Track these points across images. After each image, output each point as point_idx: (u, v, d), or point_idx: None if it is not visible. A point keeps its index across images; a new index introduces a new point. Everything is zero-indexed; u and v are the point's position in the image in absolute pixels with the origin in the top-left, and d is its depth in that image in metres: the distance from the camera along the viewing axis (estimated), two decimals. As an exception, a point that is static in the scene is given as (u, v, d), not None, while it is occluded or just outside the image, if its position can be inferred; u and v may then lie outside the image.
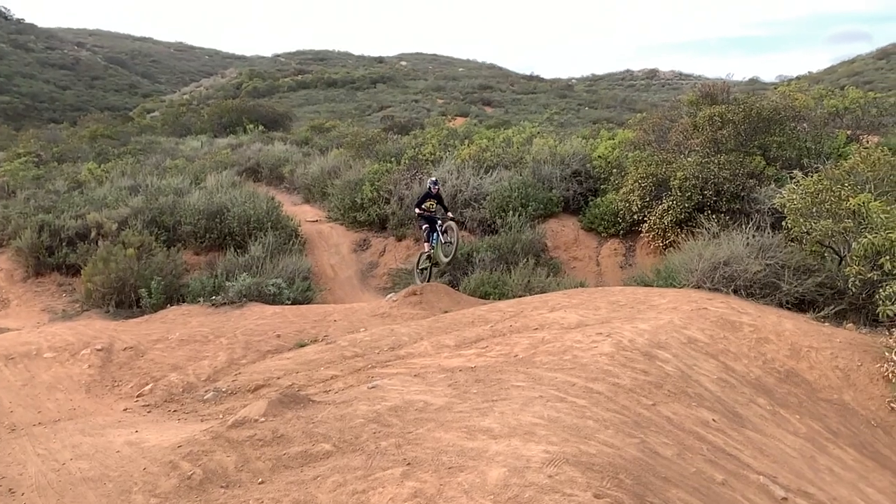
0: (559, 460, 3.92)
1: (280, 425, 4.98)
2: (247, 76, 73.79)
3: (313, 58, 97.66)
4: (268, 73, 77.23)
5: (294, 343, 9.45)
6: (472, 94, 66.60)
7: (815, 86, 23.45)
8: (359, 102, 63.02)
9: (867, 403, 6.76)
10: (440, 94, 67.02)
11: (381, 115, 52.21)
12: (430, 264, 12.77)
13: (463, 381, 5.87)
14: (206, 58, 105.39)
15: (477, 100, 63.75)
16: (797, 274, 9.60)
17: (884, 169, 10.54)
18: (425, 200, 12.42)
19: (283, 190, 23.35)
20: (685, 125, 16.38)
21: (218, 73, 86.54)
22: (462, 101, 62.67)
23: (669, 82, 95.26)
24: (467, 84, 71.65)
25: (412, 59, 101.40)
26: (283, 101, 60.97)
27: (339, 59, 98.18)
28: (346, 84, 71.42)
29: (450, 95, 66.38)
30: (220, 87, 71.52)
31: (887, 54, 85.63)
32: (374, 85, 71.42)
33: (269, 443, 4.77)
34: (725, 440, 5.16)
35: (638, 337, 7.00)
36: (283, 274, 13.39)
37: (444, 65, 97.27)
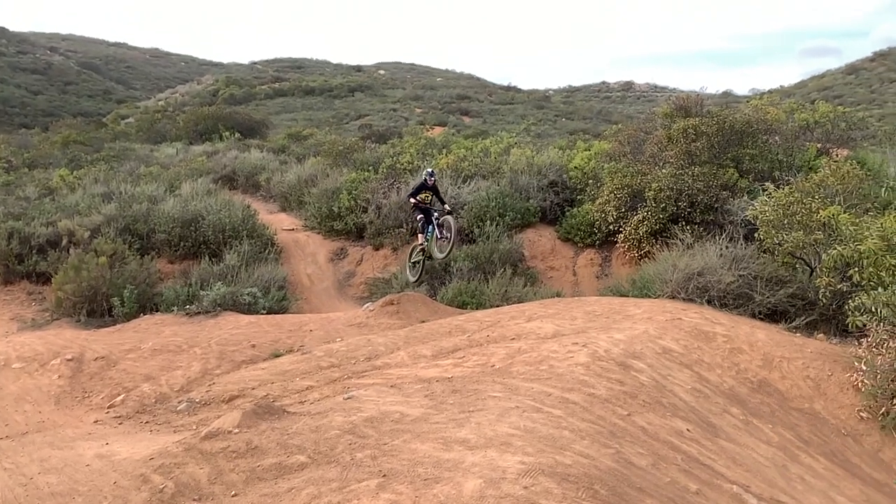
0: (535, 471, 3.92)
1: (254, 437, 4.92)
2: (223, 83, 73.32)
3: (291, 65, 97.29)
4: (245, 80, 76.80)
5: (269, 353, 9.36)
6: (451, 103, 66.84)
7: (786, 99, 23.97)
8: (336, 111, 62.91)
9: (837, 412, 6.87)
10: (418, 104, 67.16)
11: (358, 124, 52.17)
12: (423, 258, 12.21)
13: (440, 392, 5.86)
14: (182, 64, 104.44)
15: (455, 110, 63.99)
16: (769, 285, 9.75)
17: (852, 182, 10.77)
18: (421, 191, 11.82)
19: (260, 198, 23.18)
20: (660, 137, 16.59)
21: (194, 79, 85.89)
22: (440, 110, 62.87)
23: (645, 94, 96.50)
24: (445, 94, 71.89)
25: (390, 68, 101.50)
26: (260, 108, 60.68)
27: (317, 67, 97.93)
28: (323, 92, 71.27)
29: (428, 105, 66.56)
30: (197, 94, 70.99)
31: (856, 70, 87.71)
32: (352, 93, 71.37)
33: (243, 454, 4.71)
34: (700, 450, 5.20)
35: (613, 347, 7.05)
36: (259, 283, 13.28)
37: (422, 74, 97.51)
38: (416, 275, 12.41)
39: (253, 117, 45.92)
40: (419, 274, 12.44)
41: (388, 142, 29.14)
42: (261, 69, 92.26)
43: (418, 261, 12.35)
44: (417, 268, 12.42)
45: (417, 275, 12.41)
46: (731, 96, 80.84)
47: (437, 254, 11.78)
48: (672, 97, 26.12)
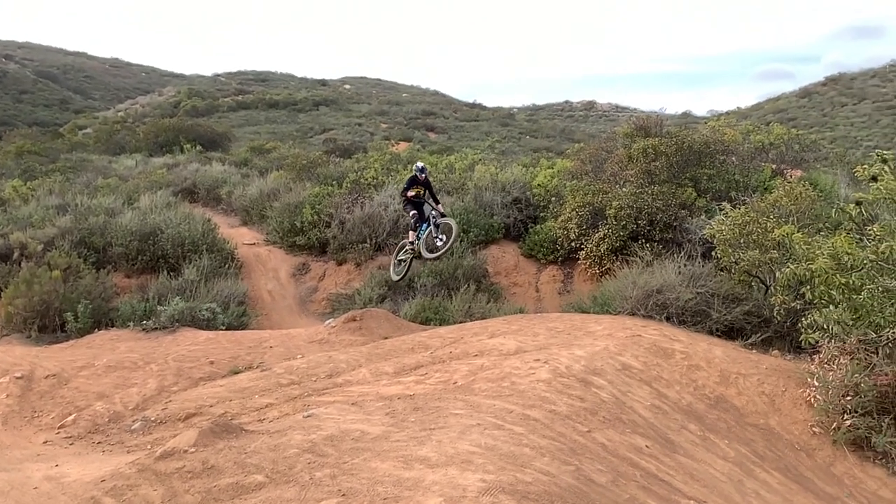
0: (495, 489, 3.91)
1: (211, 456, 4.81)
2: (185, 95, 72.37)
3: (255, 78, 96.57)
4: (207, 92, 75.94)
5: (228, 370, 9.19)
6: (416, 119, 67.07)
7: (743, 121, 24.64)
8: (301, 124, 62.58)
9: (791, 427, 7.02)
10: (384, 119, 67.25)
11: (323, 138, 51.92)
12: (410, 257, 11.64)
13: (401, 410, 5.82)
14: (143, 75, 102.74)
15: (420, 125, 64.20)
16: (726, 302, 9.96)
17: (805, 202, 11.10)
18: (412, 187, 11.28)
19: (221, 212, 22.87)
20: (620, 156, 16.90)
21: (155, 90, 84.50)
22: (406, 126, 63.01)
23: (607, 114, 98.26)
24: (411, 109, 72.14)
25: (356, 82, 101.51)
26: (223, 121, 60.00)
27: (282, 80, 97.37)
28: (287, 106, 70.87)
29: (393, 120, 66.67)
30: (158, 106, 69.87)
31: (809, 93, 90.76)
32: (316, 107, 71.10)
33: (199, 475, 4.60)
34: (658, 466, 5.26)
35: (575, 363, 7.10)
36: (218, 298, 13.06)
37: (388, 89, 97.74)
38: (401, 274, 11.88)
39: (215, 130, 45.45)
40: (404, 273, 11.92)
41: (353, 156, 29.09)
42: (224, 81, 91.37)
43: (405, 259, 11.77)
44: (403, 266, 11.87)
45: (402, 274, 11.88)
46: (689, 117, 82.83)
47: (426, 253, 11.25)
48: (633, 117, 26.65)
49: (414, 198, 11.27)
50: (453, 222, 11.01)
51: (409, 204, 11.37)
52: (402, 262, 11.87)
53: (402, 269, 11.88)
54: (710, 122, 18.58)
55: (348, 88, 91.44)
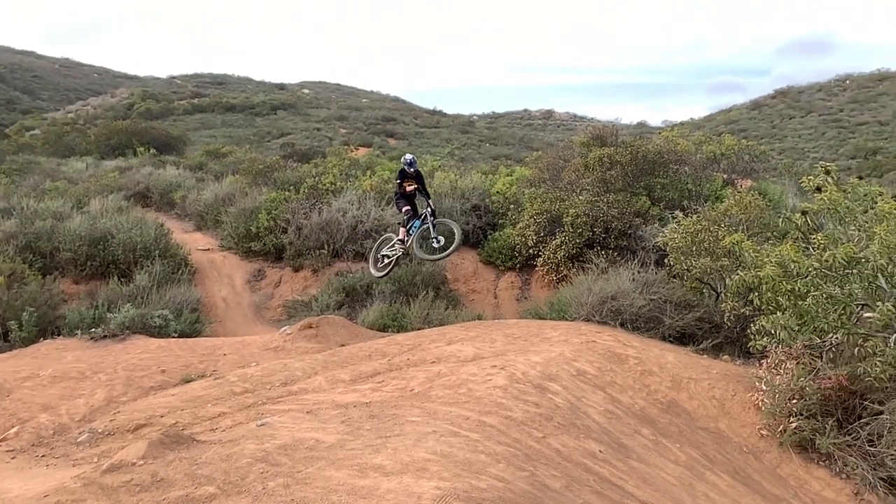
0: (450, 496, 3.91)
1: (160, 468, 4.69)
2: (139, 97, 70.94)
3: (211, 81, 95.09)
4: (162, 94, 74.55)
5: (180, 378, 8.99)
6: (376, 125, 66.94)
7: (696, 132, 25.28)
8: (258, 128, 61.89)
9: (740, 431, 7.20)
10: (343, 124, 66.93)
11: (281, 143, 51.46)
12: (397, 255, 10.97)
13: (357, 417, 5.78)
14: (94, 76, 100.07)
15: (380, 131, 64.08)
16: (678, 309, 10.17)
17: (754, 211, 11.42)
18: (404, 181, 10.70)
19: (174, 216, 22.47)
20: (577, 165, 17.14)
21: (108, 92, 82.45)
22: (365, 131, 62.83)
23: (565, 123, 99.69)
24: (371, 115, 71.98)
25: (315, 87, 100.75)
26: (178, 124, 58.95)
27: (239, 83, 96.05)
28: (245, 109, 70.02)
29: (353, 125, 66.42)
30: (110, 108, 68.25)
31: (759, 105, 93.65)
32: (274, 111, 70.42)
33: (148, 488, 4.48)
34: (611, 471, 5.33)
35: (531, 369, 7.15)
36: (171, 305, 12.78)
37: (347, 94, 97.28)
38: (384, 270, 11.20)
39: (170, 133, 44.71)
40: (388, 270, 11.24)
41: (311, 161, 28.87)
42: (180, 84, 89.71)
43: (391, 256, 11.03)
44: (387, 263, 11.15)
45: (385, 270, 11.20)
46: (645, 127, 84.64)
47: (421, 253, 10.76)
48: (589, 127, 27.06)
49: (408, 192, 10.75)
50: (455, 226, 10.57)
51: (403, 199, 10.86)
52: (387, 259, 11.21)
53: (387, 265, 11.25)
54: (663, 133, 19.01)
55: (307, 93, 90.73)
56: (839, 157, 66.52)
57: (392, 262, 11.22)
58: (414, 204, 10.91)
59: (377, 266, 11.42)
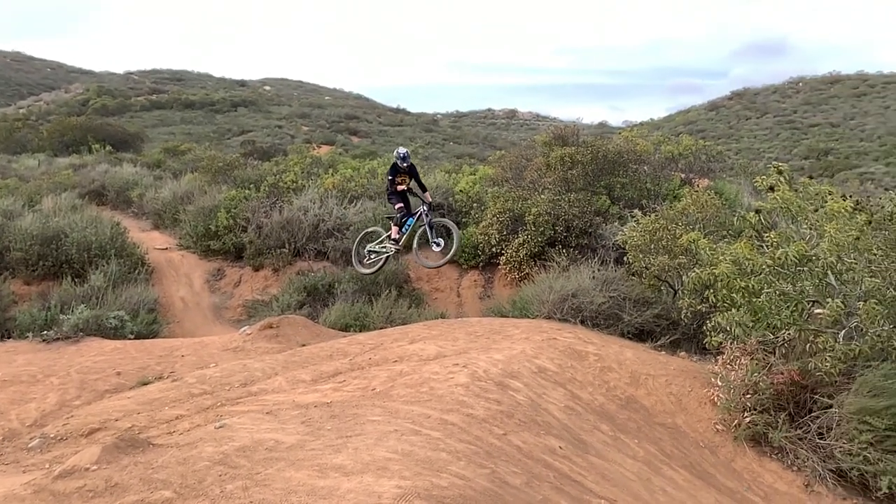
0: (410, 495, 3.91)
1: (115, 473, 4.59)
2: (95, 92, 69.18)
3: (170, 77, 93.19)
4: (119, 90, 72.83)
5: (136, 381, 8.80)
6: (339, 123, 66.49)
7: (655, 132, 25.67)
8: (218, 126, 60.97)
9: (696, 426, 7.34)
10: (305, 122, 66.31)
11: (241, 140, 50.74)
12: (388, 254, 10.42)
13: (317, 418, 5.73)
14: (47, 70, 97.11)
15: (343, 129, 63.68)
16: (637, 306, 10.33)
17: (711, 210, 11.67)
18: (396, 176, 10.15)
19: (131, 215, 22.03)
20: (539, 164, 17.29)
21: (62, 87, 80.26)
22: (328, 129, 62.36)
23: (528, 123, 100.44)
24: (333, 113, 71.46)
25: (276, 84, 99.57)
26: (135, 121, 57.76)
27: (198, 80, 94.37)
28: (204, 106, 68.88)
29: (315, 123, 65.84)
30: (64, 103, 66.41)
31: (716, 107, 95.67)
32: (234, 108, 69.46)
33: (101, 493, 4.38)
34: (571, 467, 5.38)
35: (492, 367, 7.19)
36: (127, 305, 12.52)
37: (309, 92, 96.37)
38: (372, 267, 10.66)
39: (127, 130, 43.82)
40: (377, 267, 10.69)
41: (272, 159, 28.57)
42: (137, 80, 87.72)
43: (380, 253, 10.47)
44: (376, 260, 10.61)
45: (374, 268, 10.66)
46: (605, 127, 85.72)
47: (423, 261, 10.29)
48: (552, 126, 27.30)
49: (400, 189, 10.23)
50: (452, 225, 10.00)
51: (395, 195, 10.30)
52: (375, 255, 10.71)
53: (375, 262, 10.72)
54: (623, 133, 19.27)
55: (268, 90, 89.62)
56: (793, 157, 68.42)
57: (382, 260, 10.80)
58: (407, 199, 10.41)
59: (364, 262, 10.94)
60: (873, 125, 75.61)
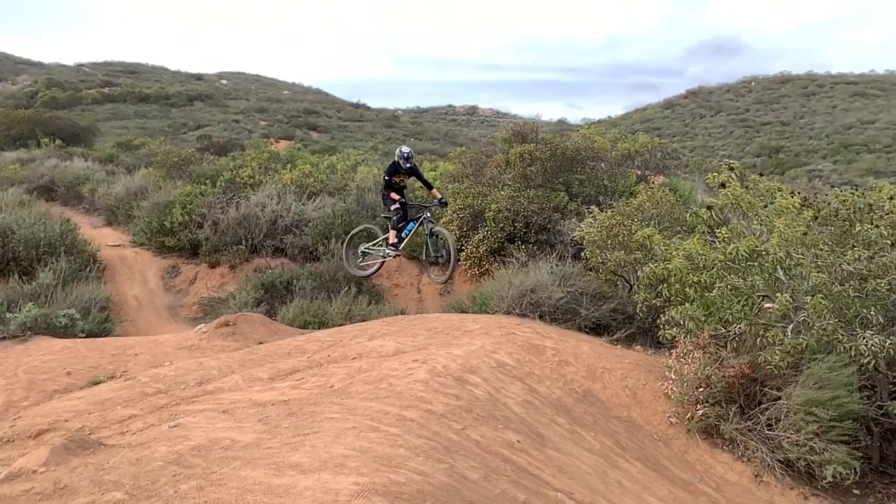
0: (368, 491, 3.91)
1: (64, 475, 4.47)
2: (44, 85, 67.08)
3: (123, 70, 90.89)
4: (69, 83, 70.76)
5: (87, 381, 8.57)
6: (297, 117, 65.80)
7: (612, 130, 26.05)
8: (173, 120, 59.78)
9: (651, 419, 7.49)
10: (263, 116, 65.46)
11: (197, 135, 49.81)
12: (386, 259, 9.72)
13: (274, 416, 5.68)
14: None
15: (302, 124, 63.04)
16: (594, 300, 10.48)
17: (665, 206, 11.89)
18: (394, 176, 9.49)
19: (82, 211, 21.47)
20: (499, 161, 17.40)
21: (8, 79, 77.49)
22: (286, 124, 61.67)
23: (488, 119, 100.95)
24: (292, 107, 70.70)
25: (234, 77, 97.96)
26: (87, 114, 56.20)
27: (153, 73, 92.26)
28: (159, 100, 67.47)
29: (273, 118, 65.07)
30: (11, 95, 64.22)
31: (672, 105, 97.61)
32: (190, 102, 68.21)
33: (50, 496, 4.26)
34: (528, 460, 5.44)
35: (451, 363, 7.21)
36: (78, 304, 12.18)
37: (267, 86, 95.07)
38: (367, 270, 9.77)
39: (78, 123, 42.64)
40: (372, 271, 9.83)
41: (229, 154, 28.12)
42: (88, 72, 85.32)
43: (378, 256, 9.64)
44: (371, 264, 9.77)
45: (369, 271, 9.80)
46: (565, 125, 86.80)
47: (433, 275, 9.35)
48: (511, 123, 27.49)
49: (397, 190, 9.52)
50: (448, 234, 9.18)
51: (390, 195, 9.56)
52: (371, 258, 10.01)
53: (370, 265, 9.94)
54: (581, 130, 19.52)
55: (225, 84, 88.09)
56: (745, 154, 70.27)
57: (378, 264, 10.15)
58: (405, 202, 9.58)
59: (357, 263, 10.25)
60: (821, 124, 78.09)
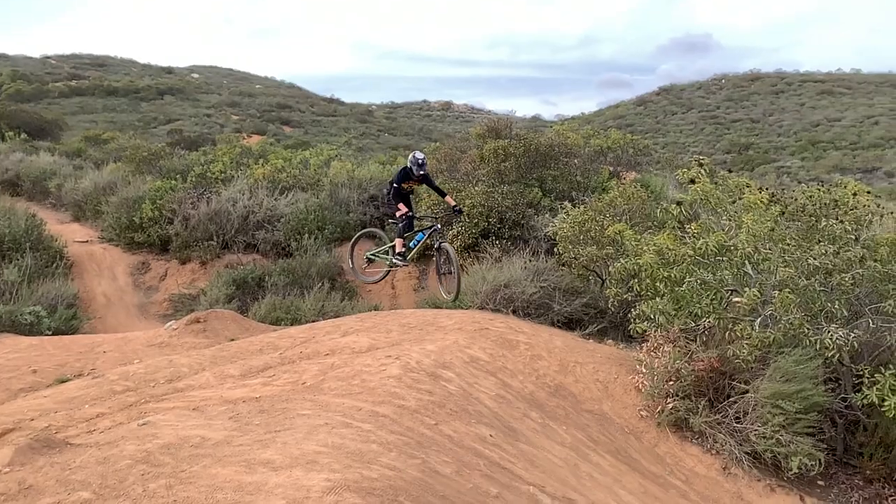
0: (340, 487, 3.90)
1: (29, 475, 4.40)
2: (8, 77, 65.59)
3: (91, 62, 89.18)
4: (35, 75, 69.26)
5: (54, 379, 8.42)
6: (270, 112, 65.26)
7: (585, 126, 26.27)
8: (143, 114, 58.92)
9: (622, 412, 7.57)
10: (235, 111, 64.78)
11: (168, 129, 49.18)
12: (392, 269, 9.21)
13: (246, 413, 5.64)
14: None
15: (275, 118, 62.55)
16: (567, 295, 10.57)
17: (637, 202, 12.00)
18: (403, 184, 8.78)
19: (49, 206, 21.11)
20: (473, 156, 17.42)
21: (-30, 70, 75.59)
22: (259, 118, 61.14)
23: (463, 115, 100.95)
24: (265, 102, 70.09)
25: (205, 71, 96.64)
26: (53, 107, 55.12)
27: (122, 66, 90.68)
28: (129, 93, 66.43)
29: (246, 112, 64.44)
30: (-27, 88, 62.70)
31: (644, 102, 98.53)
32: (161, 96, 67.26)
33: (15, 496, 4.19)
34: (501, 454, 5.47)
35: (425, 358, 7.22)
36: (44, 301, 11.97)
37: (240, 80, 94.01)
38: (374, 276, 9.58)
39: (44, 117, 41.80)
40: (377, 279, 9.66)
41: (200, 149, 27.79)
42: (55, 64, 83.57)
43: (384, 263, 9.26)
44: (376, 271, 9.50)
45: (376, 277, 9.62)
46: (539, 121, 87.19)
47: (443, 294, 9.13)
48: (486, 119, 27.54)
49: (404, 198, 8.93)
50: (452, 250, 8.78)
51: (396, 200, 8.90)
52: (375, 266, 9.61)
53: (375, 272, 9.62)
54: (555, 127, 19.63)
55: (197, 77, 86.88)
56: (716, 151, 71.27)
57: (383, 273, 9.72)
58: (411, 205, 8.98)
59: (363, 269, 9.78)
60: (790, 121, 79.50)
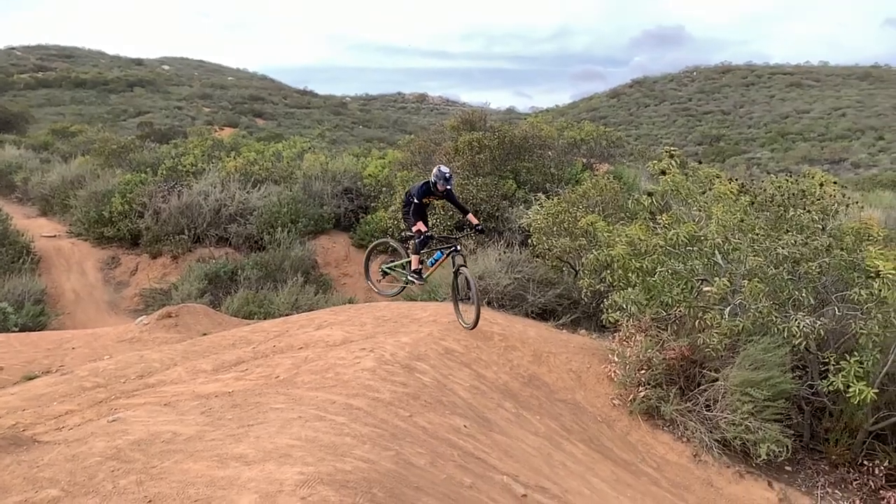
0: (313, 481, 3.89)
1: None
2: (-29, 68, 63.96)
3: (58, 54, 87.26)
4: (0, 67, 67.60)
5: (21, 376, 8.29)
6: (243, 104, 64.51)
7: (559, 118, 26.37)
8: (112, 106, 57.87)
9: (595, 401, 7.65)
10: (207, 103, 63.93)
11: (138, 122, 48.37)
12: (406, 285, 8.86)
13: (218, 408, 5.59)
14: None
15: (247, 111, 61.85)
16: (540, 286, 10.64)
17: (609, 194, 12.11)
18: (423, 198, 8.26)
19: (15, 201, 20.71)
20: (448, 149, 17.40)
21: (-69, 61, 73.59)
22: (231, 111, 60.44)
23: (437, 107, 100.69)
24: (237, 94, 69.26)
25: (176, 63, 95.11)
26: (19, 99, 53.94)
27: (90, 57, 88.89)
28: (97, 85, 65.17)
29: (217, 104, 63.65)
30: (-65, 79, 61.05)
31: (618, 94, 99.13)
32: (130, 88, 66.10)
33: (-20, 495, 4.12)
34: (475, 445, 5.50)
35: (399, 350, 7.22)
36: (11, 297, 11.76)
37: (211, 72, 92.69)
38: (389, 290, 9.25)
39: (9, 109, 40.99)
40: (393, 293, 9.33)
41: (171, 142, 27.40)
42: (20, 56, 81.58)
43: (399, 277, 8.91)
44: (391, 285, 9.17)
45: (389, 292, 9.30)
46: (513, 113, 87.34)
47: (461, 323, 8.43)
48: (460, 111, 27.51)
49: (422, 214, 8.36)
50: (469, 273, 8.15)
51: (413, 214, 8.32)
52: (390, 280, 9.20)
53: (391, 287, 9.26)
54: (529, 119, 19.68)
55: (167, 69, 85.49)
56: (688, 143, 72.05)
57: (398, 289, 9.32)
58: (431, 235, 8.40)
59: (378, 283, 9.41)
60: (760, 113, 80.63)
